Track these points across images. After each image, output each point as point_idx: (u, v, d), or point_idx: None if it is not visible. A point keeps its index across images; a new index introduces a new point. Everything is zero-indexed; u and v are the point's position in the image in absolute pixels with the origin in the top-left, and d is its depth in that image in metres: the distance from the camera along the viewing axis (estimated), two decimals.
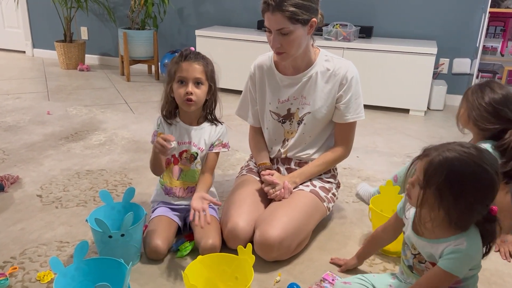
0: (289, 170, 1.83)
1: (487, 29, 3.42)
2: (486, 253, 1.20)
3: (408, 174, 1.24)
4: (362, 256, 1.56)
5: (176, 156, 1.70)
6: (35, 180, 2.20)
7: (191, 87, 1.59)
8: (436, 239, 1.19)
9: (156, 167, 1.67)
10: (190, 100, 1.60)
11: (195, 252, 1.62)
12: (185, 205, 1.73)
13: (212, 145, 1.71)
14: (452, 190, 1.10)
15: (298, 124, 1.76)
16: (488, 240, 1.18)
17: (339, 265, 1.60)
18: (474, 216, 1.15)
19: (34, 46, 5.23)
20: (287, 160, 1.83)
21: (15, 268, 1.54)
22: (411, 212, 1.30)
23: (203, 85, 1.62)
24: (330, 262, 1.62)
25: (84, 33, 4.92)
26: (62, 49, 4.56)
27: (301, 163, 1.82)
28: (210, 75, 1.64)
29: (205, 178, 1.69)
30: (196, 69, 1.59)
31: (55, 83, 4.13)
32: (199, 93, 1.61)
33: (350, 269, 1.57)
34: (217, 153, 1.73)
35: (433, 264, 1.23)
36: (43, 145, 2.64)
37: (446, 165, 1.11)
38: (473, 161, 1.11)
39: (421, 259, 1.27)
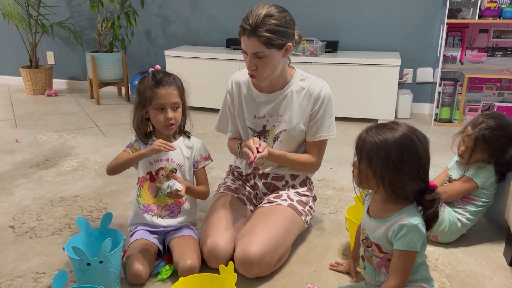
0: (266, 184, 1.86)
1: (446, 39, 3.58)
2: (428, 227, 1.29)
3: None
4: (356, 256, 1.62)
5: (153, 174, 1.70)
6: (6, 211, 2.14)
7: (170, 113, 1.63)
8: (383, 219, 1.30)
9: (118, 170, 1.67)
10: (171, 124, 1.65)
11: (175, 274, 1.61)
12: (164, 227, 1.72)
13: (196, 162, 1.75)
14: (380, 157, 1.23)
15: (274, 141, 1.79)
16: (429, 211, 1.27)
17: (339, 271, 1.66)
18: (409, 183, 1.24)
19: None
20: (264, 175, 1.86)
21: None
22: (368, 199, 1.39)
23: (180, 107, 1.67)
24: (329, 269, 1.67)
25: (50, 58, 4.85)
26: (28, 75, 4.48)
27: (278, 177, 1.85)
28: (183, 95, 1.69)
29: (199, 186, 1.77)
30: (173, 95, 1.63)
31: (22, 109, 4.04)
32: (178, 116, 1.66)
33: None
34: (203, 167, 1.78)
35: (378, 247, 1.31)
36: (13, 174, 2.58)
37: (369, 139, 1.26)
38: (403, 133, 1.29)
39: (368, 243, 1.36)
